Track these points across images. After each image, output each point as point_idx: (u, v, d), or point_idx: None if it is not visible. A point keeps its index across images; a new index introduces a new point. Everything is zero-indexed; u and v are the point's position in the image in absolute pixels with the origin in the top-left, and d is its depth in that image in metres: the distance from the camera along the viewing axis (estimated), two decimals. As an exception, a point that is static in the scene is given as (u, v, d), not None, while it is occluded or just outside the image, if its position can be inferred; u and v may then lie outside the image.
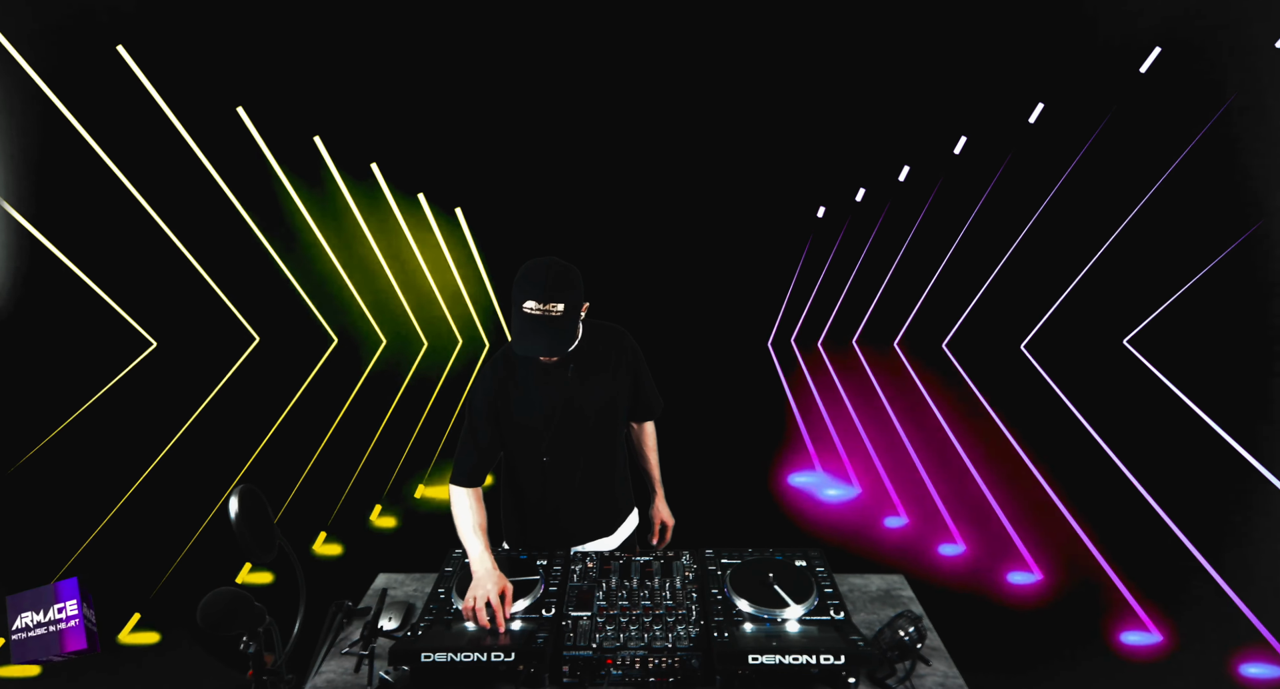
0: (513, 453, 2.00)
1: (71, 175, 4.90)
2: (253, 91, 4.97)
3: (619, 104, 5.06)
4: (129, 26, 4.56)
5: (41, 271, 5.17)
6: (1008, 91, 4.92)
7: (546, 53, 4.87)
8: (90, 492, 4.01)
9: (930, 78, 4.87)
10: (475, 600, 1.66)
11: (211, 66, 4.79)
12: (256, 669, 1.34)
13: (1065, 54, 4.70)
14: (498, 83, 5.02)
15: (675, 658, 1.55)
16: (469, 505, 1.89)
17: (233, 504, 1.38)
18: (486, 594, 1.66)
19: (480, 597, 1.66)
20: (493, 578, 1.70)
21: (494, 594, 1.66)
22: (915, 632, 1.58)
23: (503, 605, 1.66)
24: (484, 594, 1.66)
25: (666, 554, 1.91)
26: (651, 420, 2.29)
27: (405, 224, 5.80)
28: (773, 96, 5.04)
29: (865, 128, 5.11)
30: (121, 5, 4.52)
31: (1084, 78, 4.73)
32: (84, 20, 4.49)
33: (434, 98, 5.09)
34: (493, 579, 1.69)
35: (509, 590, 1.70)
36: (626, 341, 2.04)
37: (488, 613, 1.64)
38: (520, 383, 1.92)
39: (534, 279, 1.72)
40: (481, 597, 1.66)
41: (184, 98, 4.84)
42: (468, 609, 1.66)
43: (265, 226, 5.53)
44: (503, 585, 1.69)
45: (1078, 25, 4.61)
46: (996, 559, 3.43)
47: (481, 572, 1.72)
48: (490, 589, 1.67)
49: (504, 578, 1.72)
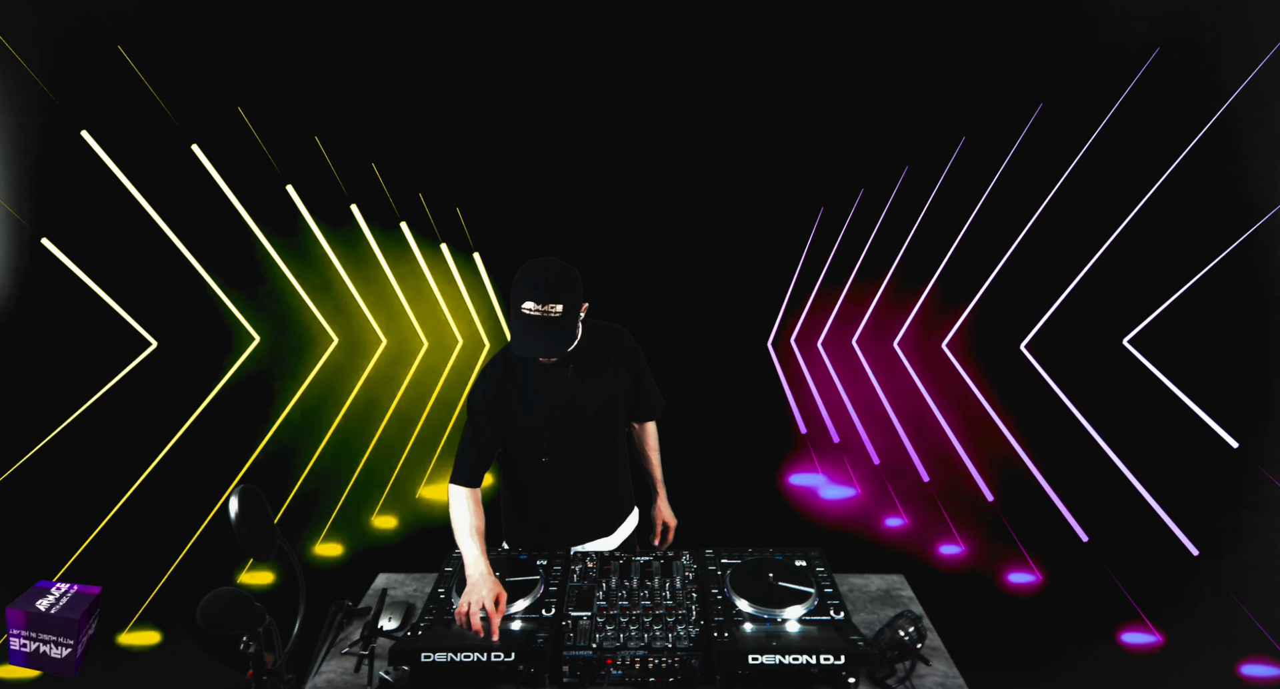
0: (513, 453, 2.00)
1: (71, 175, 4.90)
2: (253, 91, 4.97)
3: (619, 104, 5.06)
4: (129, 27, 4.56)
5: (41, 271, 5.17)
6: (1008, 91, 4.92)
7: (546, 53, 4.87)
8: (90, 492, 4.01)
9: (930, 78, 4.87)
10: (469, 606, 1.63)
11: (211, 66, 4.79)
12: (256, 669, 1.34)
13: (1065, 54, 4.70)
14: (497, 83, 5.02)
15: (675, 658, 1.55)
16: (467, 508, 1.87)
17: (233, 504, 1.38)
18: (481, 600, 1.63)
19: (475, 602, 1.63)
20: (487, 584, 1.67)
21: (488, 601, 1.63)
22: (915, 632, 1.58)
23: (496, 612, 1.63)
24: (478, 600, 1.63)
25: (666, 554, 1.91)
26: (653, 420, 2.29)
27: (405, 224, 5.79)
28: (772, 96, 5.04)
29: (865, 128, 5.11)
30: (121, 6, 4.52)
31: (1084, 78, 4.72)
32: (84, 20, 4.49)
33: (433, 98, 5.09)
34: (487, 585, 1.67)
35: (504, 597, 1.67)
36: (626, 341, 2.04)
37: (482, 620, 1.62)
38: (520, 383, 1.92)
39: (533, 280, 1.72)
40: (476, 602, 1.63)
41: (184, 98, 4.84)
42: (460, 615, 1.63)
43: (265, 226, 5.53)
44: (497, 592, 1.67)
45: (1077, 25, 4.60)
46: (996, 559, 3.43)
47: (476, 577, 1.70)
48: (485, 595, 1.64)
49: (498, 584, 1.70)
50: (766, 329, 6.19)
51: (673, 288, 5.71)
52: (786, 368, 5.79)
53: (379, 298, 6.17)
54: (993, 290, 5.57)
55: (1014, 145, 5.06)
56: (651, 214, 5.48)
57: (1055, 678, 2.71)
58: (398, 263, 6.00)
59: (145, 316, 5.69)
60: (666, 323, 5.45)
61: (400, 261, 6.00)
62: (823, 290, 5.91)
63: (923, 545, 3.55)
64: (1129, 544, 3.46)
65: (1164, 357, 5.23)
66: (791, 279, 5.88)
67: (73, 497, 4.00)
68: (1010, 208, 5.25)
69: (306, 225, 5.63)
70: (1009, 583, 3.27)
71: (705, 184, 5.40)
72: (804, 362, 5.88)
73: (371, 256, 5.92)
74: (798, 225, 5.66)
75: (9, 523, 3.78)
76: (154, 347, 5.77)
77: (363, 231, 5.78)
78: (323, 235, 5.72)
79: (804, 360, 5.90)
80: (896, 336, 6.07)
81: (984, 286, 5.57)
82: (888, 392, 5.29)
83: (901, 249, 5.62)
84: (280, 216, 5.58)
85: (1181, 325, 5.20)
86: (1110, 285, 5.27)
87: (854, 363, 5.82)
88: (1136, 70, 4.60)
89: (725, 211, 5.51)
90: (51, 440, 4.63)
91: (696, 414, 4.86)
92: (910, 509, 3.86)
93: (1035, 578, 3.29)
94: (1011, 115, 4.99)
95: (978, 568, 3.36)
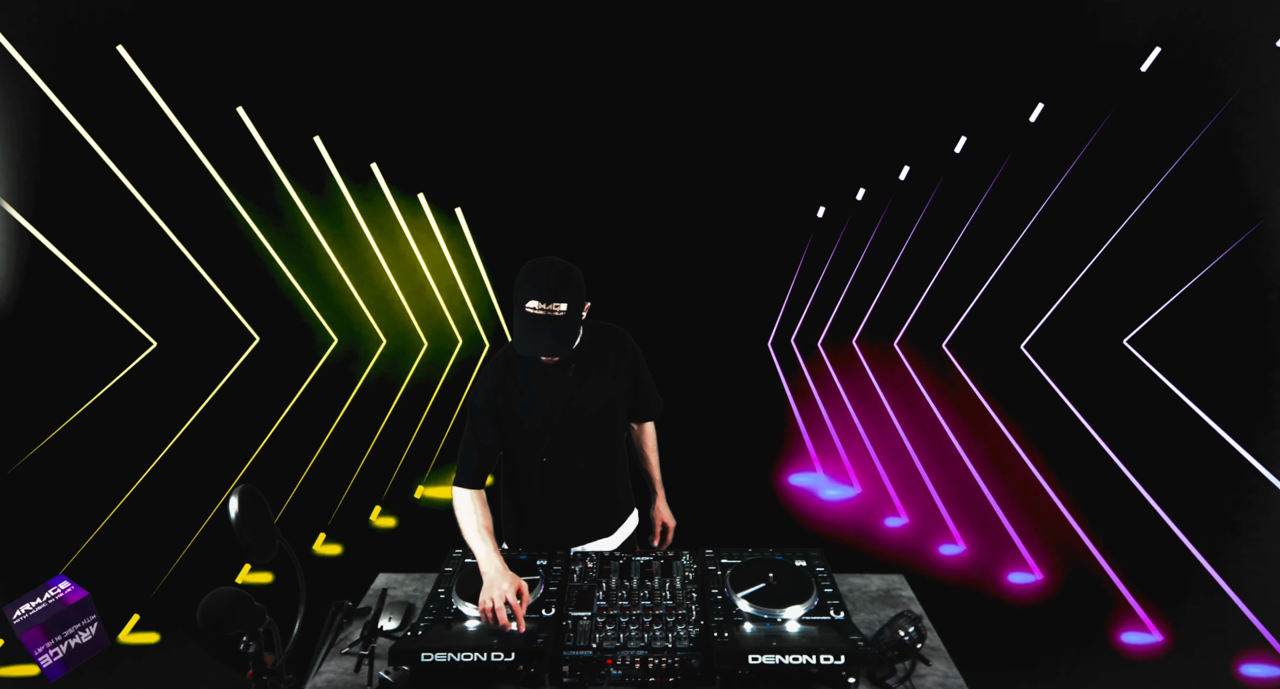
0: (513, 453, 2.00)
1: (71, 175, 4.90)
2: (253, 91, 4.97)
3: (619, 104, 5.06)
4: (129, 26, 4.56)
5: (41, 271, 5.17)
6: (1008, 91, 4.92)
7: (546, 53, 4.86)
8: (90, 492, 4.01)
9: (930, 78, 4.87)
10: (492, 602, 1.64)
11: (211, 66, 4.79)
12: (256, 669, 1.34)
13: (1065, 54, 4.70)
14: (497, 83, 5.02)
15: (675, 658, 1.55)
16: (473, 508, 1.88)
17: (233, 504, 1.38)
18: (504, 594, 1.65)
19: (497, 597, 1.64)
20: (506, 578, 1.69)
21: (510, 594, 1.65)
22: (915, 632, 1.58)
23: (520, 604, 1.65)
24: (500, 594, 1.65)
25: (666, 554, 1.91)
26: (652, 421, 2.28)
27: (405, 224, 5.80)
28: (773, 96, 5.04)
29: (865, 128, 5.11)
30: (121, 5, 4.52)
31: (1084, 78, 4.72)
32: (84, 20, 4.49)
33: (434, 98, 5.09)
34: (507, 579, 1.69)
35: (524, 588, 1.69)
36: (626, 342, 2.04)
37: (507, 612, 1.63)
38: (520, 383, 1.92)
39: (536, 279, 1.72)
40: (499, 597, 1.64)
41: (184, 98, 4.84)
42: (485, 611, 1.64)
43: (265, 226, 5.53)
44: (518, 584, 1.69)
45: (1078, 25, 4.61)
46: (996, 559, 3.43)
47: (493, 572, 1.71)
48: (506, 589, 1.66)
49: (517, 577, 1.72)
50: (766, 329, 6.19)
51: (673, 288, 5.70)
52: (786, 368, 5.79)
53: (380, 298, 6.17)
54: (993, 290, 5.57)
55: (1014, 145, 5.06)
56: (652, 214, 5.48)
57: (1055, 678, 2.71)
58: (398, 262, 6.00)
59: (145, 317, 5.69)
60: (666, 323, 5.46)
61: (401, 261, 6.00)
62: (823, 290, 5.91)
63: (923, 545, 3.55)
64: (1129, 544, 3.46)
65: (1164, 357, 5.23)
66: (791, 279, 5.88)
67: (73, 497, 4.00)
68: (1010, 208, 5.25)
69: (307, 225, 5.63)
70: (1009, 583, 3.27)
71: (705, 184, 5.40)
72: (804, 362, 5.88)
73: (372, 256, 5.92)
74: (798, 225, 5.65)
75: (9, 522, 3.78)
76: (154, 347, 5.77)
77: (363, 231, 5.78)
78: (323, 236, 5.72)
79: (804, 360, 5.91)
80: (897, 336, 6.07)
81: (984, 286, 5.57)
82: (888, 391, 5.29)
83: (901, 249, 5.62)
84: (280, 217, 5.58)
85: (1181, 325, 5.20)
86: (1110, 285, 5.27)
87: (854, 362, 5.82)
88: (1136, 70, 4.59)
89: (726, 212, 5.51)
90: (52, 440, 4.63)
91: (696, 414, 4.86)
92: (910, 509, 3.86)
93: (1035, 578, 3.29)
94: (1011, 115, 4.99)
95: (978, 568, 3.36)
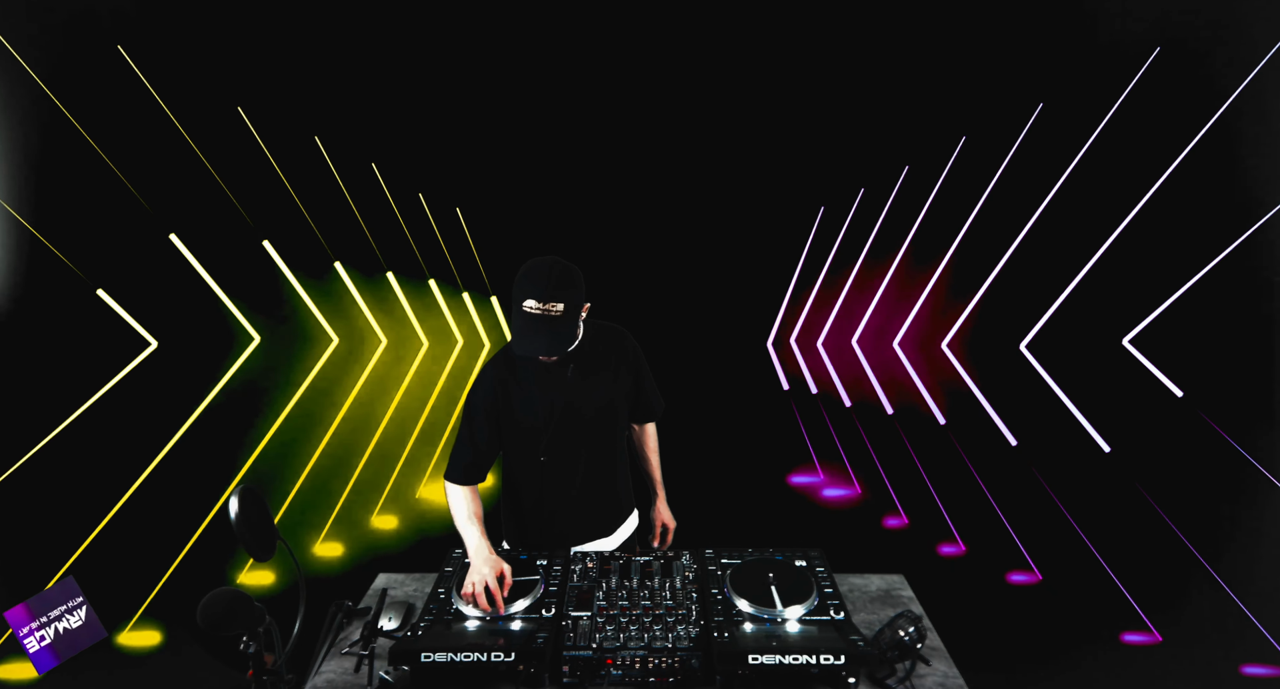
0: (512, 453, 2.00)
1: (71, 175, 4.89)
2: (253, 91, 4.97)
3: (618, 103, 5.06)
4: (129, 26, 4.56)
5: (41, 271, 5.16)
6: (1008, 91, 4.92)
7: (545, 52, 4.87)
8: (90, 492, 4.00)
9: (930, 78, 4.87)
10: (474, 585, 1.67)
11: (211, 66, 4.79)
12: (256, 669, 1.34)
13: (1065, 54, 4.70)
14: (497, 82, 5.02)
15: (675, 658, 1.55)
16: (464, 496, 1.91)
17: (233, 504, 1.38)
18: (484, 578, 1.67)
19: (478, 581, 1.67)
20: (489, 562, 1.71)
21: (491, 578, 1.67)
22: (915, 632, 1.58)
23: (501, 587, 1.67)
24: (481, 579, 1.67)
25: (666, 554, 1.91)
26: (653, 422, 2.28)
27: (404, 224, 5.79)
28: (772, 96, 5.04)
29: (865, 128, 5.11)
30: (121, 5, 4.52)
31: (1084, 78, 4.73)
32: (84, 20, 4.49)
33: (432, 97, 5.09)
34: (489, 564, 1.71)
35: (507, 571, 1.71)
36: (627, 342, 2.04)
37: (487, 597, 1.65)
38: (520, 383, 1.92)
39: (535, 278, 1.72)
40: (479, 581, 1.67)
41: (184, 98, 4.84)
42: (467, 594, 1.67)
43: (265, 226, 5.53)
44: (499, 568, 1.71)
45: (1078, 25, 4.61)
46: (996, 559, 3.42)
47: (478, 558, 1.74)
48: (487, 573, 1.68)
49: (500, 561, 1.74)
50: (766, 329, 6.19)
51: (673, 288, 5.70)
52: (786, 368, 5.79)
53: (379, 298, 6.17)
54: (993, 290, 5.56)
55: (1014, 145, 5.07)
56: (651, 214, 5.48)
57: (1055, 678, 2.70)
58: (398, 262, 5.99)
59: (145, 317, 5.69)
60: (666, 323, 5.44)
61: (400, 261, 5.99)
62: (823, 290, 5.91)
63: (923, 545, 3.54)
64: (1129, 544, 3.45)
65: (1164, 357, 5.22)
66: (791, 279, 5.88)
67: (73, 497, 4.00)
68: (1010, 208, 5.25)
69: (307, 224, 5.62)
70: (1009, 583, 3.27)
71: (705, 184, 5.40)
72: (804, 362, 5.88)
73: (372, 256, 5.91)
74: (798, 225, 5.65)
75: (9, 523, 3.78)
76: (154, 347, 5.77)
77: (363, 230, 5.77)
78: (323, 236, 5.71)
79: (804, 360, 5.90)
80: (897, 337, 6.07)
81: (984, 286, 5.58)
82: (888, 391, 5.28)
83: (901, 249, 5.62)
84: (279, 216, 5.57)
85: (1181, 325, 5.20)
86: (1110, 285, 5.27)
87: (854, 362, 5.82)
88: (1136, 70, 4.60)
89: (725, 211, 5.51)
90: (51, 441, 4.63)
91: (696, 414, 4.86)
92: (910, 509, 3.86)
93: (1035, 578, 3.29)
94: (1011, 115, 4.99)
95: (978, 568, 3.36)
